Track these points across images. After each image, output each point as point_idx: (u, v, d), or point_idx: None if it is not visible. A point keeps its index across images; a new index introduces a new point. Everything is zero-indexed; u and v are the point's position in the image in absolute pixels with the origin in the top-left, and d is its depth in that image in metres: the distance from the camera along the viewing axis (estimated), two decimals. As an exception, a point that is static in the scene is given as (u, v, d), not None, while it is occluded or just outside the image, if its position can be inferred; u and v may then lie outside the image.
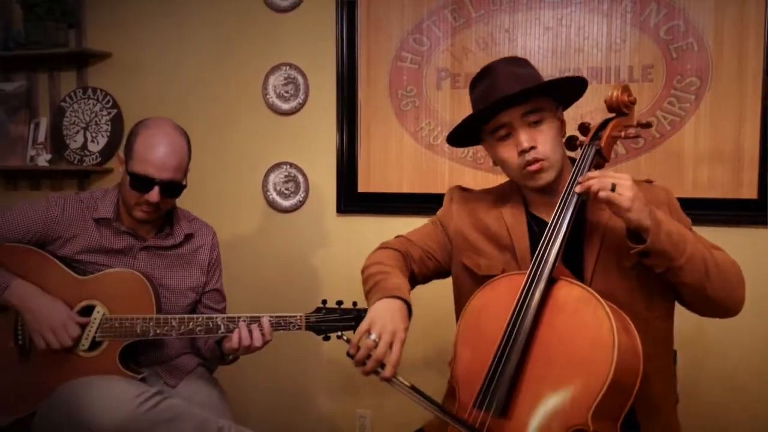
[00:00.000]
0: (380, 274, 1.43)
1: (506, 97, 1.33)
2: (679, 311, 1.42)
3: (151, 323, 1.64)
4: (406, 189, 2.45)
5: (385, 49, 2.44)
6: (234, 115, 2.64)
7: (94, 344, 1.66)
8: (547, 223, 1.35)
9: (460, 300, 1.53)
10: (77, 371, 1.61)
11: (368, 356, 1.26)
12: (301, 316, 1.64)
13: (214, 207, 2.66)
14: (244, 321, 1.63)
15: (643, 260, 1.26)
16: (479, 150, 2.36)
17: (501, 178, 1.62)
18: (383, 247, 1.58)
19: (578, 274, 1.34)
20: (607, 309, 1.21)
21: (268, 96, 2.58)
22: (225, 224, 2.66)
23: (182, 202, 2.71)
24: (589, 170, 1.35)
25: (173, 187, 1.71)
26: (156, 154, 1.65)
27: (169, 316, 1.64)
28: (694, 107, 2.15)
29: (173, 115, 2.65)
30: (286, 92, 2.57)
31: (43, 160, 2.80)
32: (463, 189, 1.61)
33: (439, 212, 1.60)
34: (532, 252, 1.38)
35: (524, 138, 1.36)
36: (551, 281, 1.28)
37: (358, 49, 2.46)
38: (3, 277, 1.64)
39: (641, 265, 1.30)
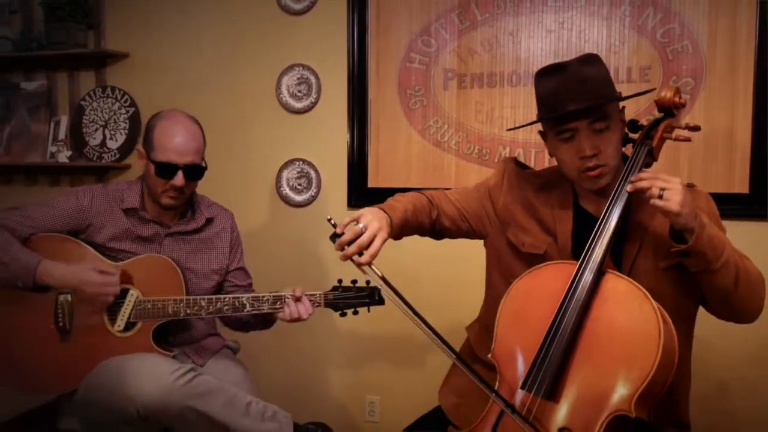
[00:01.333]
0: (389, 200, 1.53)
1: (573, 111, 1.37)
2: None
3: (182, 304, 1.76)
4: (413, 184, 2.56)
5: (395, 50, 2.55)
6: (249, 114, 2.75)
7: (129, 325, 1.78)
8: (592, 216, 1.45)
9: (495, 272, 1.60)
10: (114, 350, 1.73)
11: (351, 242, 1.35)
12: (320, 294, 1.77)
13: (230, 202, 2.74)
14: (290, 298, 1.75)
15: (682, 259, 1.32)
16: (485, 146, 2.47)
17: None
18: (419, 191, 1.64)
19: (615, 269, 1.40)
20: (654, 304, 1.28)
21: (281, 95, 2.69)
22: (240, 218, 2.75)
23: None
24: (640, 170, 1.40)
25: (195, 170, 1.85)
26: (176, 141, 1.79)
27: (198, 297, 1.77)
28: (689, 106, 2.26)
29: (189, 113, 2.79)
30: (299, 92, 2.68)
31: (64, 156, 2.91)
32: (517, 163, 1.64)
33: (491, 181, 1.63)
34: (573, 241, 1.46)
35: (587, 145, 1.39)
36: (600, 273, 1.34)
37: (369, 51, 2.57)
38: (34, 257, 1.73)
39: (675, 268, 1.38)
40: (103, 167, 2.93)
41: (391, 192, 2.57)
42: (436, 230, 1.62)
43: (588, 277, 1.34)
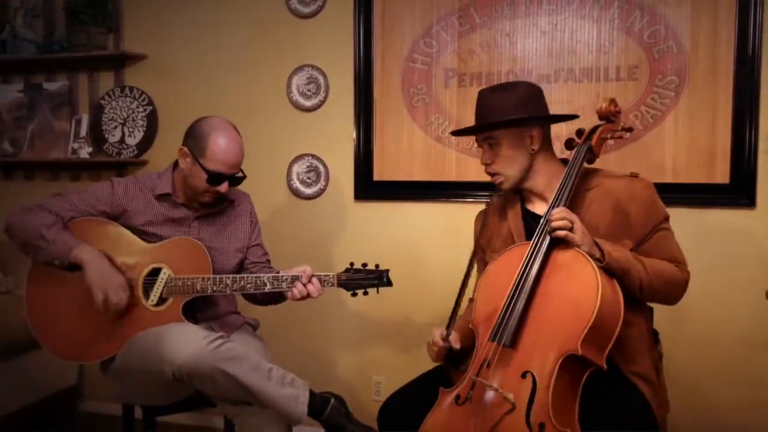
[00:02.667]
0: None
1: (461, 131, 1.85)
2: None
3: (209, 282, 1.93)
4: (416, 177, 2.73)
5: (398, 51, 2.72)
6: (261, 112, 2.91)
7: (161, 301, 1.95)
8: (537, 215, 1.74)
9: None
10: (147, 323, 1.91)
11: None
12: (333, 275, 1.93)
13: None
14: (297, 280, 1.93)
15: None
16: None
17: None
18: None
19: None
20: (594, 265, 1.53)
21: (291, 94, 2.86)
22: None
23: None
24: (582, 164, 1.73)
25: (237, 179, 2.05)
26: (230, 156, 1.98)
27: (224, 276, 1.94)
28: (673, 103, 2.42)
29: (204, 112, 2.91)
30: (308, 90, 2.84)
31: (85, 152, 3.07)
32: (483, 210, 1.94)
33: (475, 240, 1.91)
34: (528, 238, 1.73)
35: (483, 157, 1.79)
36: (551, 245, 1.61)
37: (374, 52, 2.74)
38: (71, 240, 1.92)
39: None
40: (121, 162, 3.09)
41: (395, 185, 2.77)
42: None
43: (542, 247, 1.60)
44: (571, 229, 1.56)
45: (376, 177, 2.78)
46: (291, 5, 2.82)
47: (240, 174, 2.05)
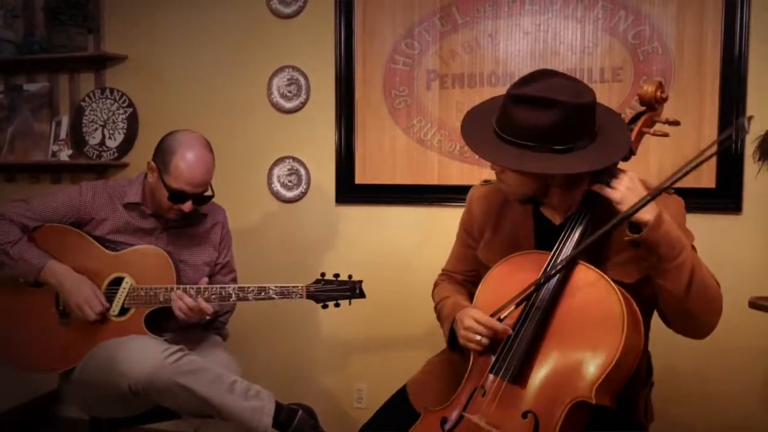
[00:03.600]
0: (440, 303, 1.63)
1: (487, 156, 1.44)
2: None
3: (172, 292, 1.87)
4: (399, 180, 2.68)
5: (380, 52, 2.67)
6: (242, 114, 2.87)
7: (123, 310, 1.90)
8: (552, 224, 1.51)
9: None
10: (108, 333, 1.86)
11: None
12: (302, 287, 1.87)
13: (224, 198, 2.87)
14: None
15: (636, 249, 1.34)
16: (465, 144, 2.58)
17: (486, 172, 1.81)
18: (436, 284, 1.76)
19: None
20: (619, 294, 1.32)
21: (272, 96, 2.81)
22: (234, 214, 2.86)
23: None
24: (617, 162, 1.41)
25: (203, 199, 1.98)
26: (193, 175, 1.88)
27: (188, 286, 1.89)
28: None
29: (184, 114, 2.92)
30: (289, 92, 2.80)
31: (65, 155, 3.03)
32: (482, 185, 1.69)
33: (463, 220, 1.71)
34: (537, 248, 1.51)
35: (495, 171, 1.50)
36: (571, 264, 1.38)
37: (355, 53, 2.69)
38: (40, 258, 1.89)
39: (639, 284, 1.41)
40: (102, 165, 3.05)
41: (377, 188, 2.72)
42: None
43: (560, 266, 1.38)
44: (608, 184, 1.32)
45: (358, 180, 2.73)
46: (272, 5, 2.77)
47: (208, 193, 1.98)
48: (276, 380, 2.88)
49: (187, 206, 1.91)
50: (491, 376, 1.40)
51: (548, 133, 1.34)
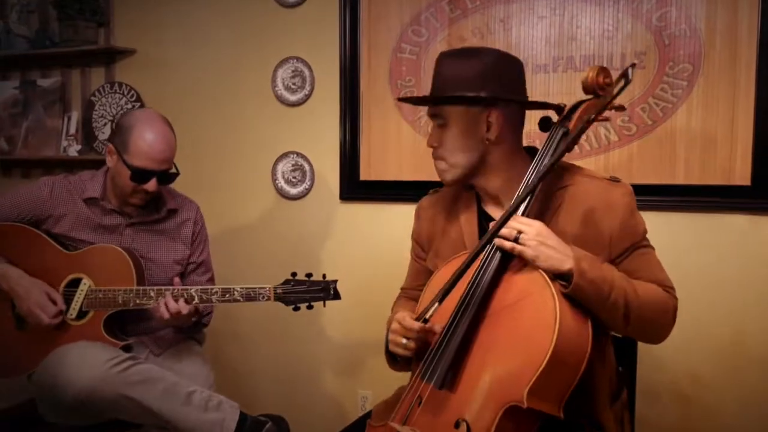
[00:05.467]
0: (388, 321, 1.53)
1: (409, 99, 1.54)
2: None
3: (132, 294, 1.77)
4: (405, 177, 2.52)
5: (386, 41, 2.52)
6: (246, 108, 2.77)
7: (83, 313, 1.81)
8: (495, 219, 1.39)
9: None
10: (66, 338, 1.77)
11: None
12: (269, 288, 1.74)
13: (228, 194, 2.81)
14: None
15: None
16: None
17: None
18: (395, 303, 1.70)
19: None
20: (554, 290, 1.20)
21: (276, 88, 2.70)
22: (237, 211, 2.81)
23: (198, 190, 2.86)
24: (555, 153, 1.31)
25: (168, 176, 1.86)
26: (155, 149, 1.78)
27: (148, 288, 1.78)
28: (686, 93, 2.14)
29: (190, 109, 2.84)
30: (294, 84, 2.68)
31: (74, 150, 3.00)
32: (429, 194, 1.64)
33: (413, 234, 1.65)
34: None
35: (430, 137, 1.47)
36: (506, 258, 1.29)
37: (360, 42, 2.55)
38: None
39: None
40: (111, 161, 3.01)
41: (382, 185, 2.57)
42: None
43: (493, 261, 1.29)
44: (516, 240, 1.25)
45: (363, 176, 2.59)
46: (277, -5, 2.67)
47: (173, 170, 1.86)
48: (278, 387, 2.79)
49: (152, 185, 1.80)
50: (422, 383, 1.29)
51: (470, 78, 1.37)
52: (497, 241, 1.28)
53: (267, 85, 2.71)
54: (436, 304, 1.27)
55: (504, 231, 1.27)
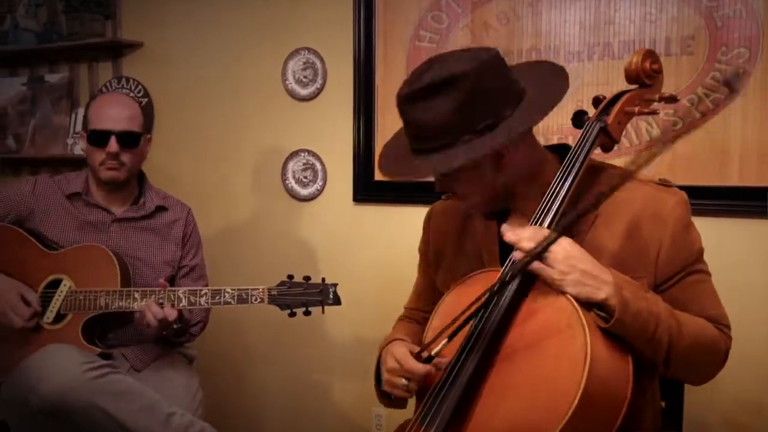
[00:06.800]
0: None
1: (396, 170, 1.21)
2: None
3: (114, 296, 1.63)
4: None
5: (403, 28, 2.31)
6: (256, 103, 2.60)
7: (60, 317, 1.67)
8: None
9: None
10: (42, 343, 1.61)
11: None
12: (263, 289, 1.59)
13: (237, 195, 2.65)
14: (159, 299, 1.60)
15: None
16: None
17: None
18: (395, 325, 1.50)
19: None
20: (584, 321, 0.98)
21: (287, 82, 2.52)
22: (245, 212, 2.64)
23: (203, 189, 2.70)
24: (590, 150, 1.14)
25: (131, 137, 1.75)
26: (108, 109, 1.76)
27: (132, 289, 1.64)
28: (741, 83, 1.88)
29: (198, 102, 2.69)
30: (305, 77, 2.49)
31: (80, 148, 2.86)
32: (442, 200, 1.43)
33: (420, 247, 1.44)
34: (502, 262, 1.18)
35: (438, 185, 1.20)
36: (528, 281, 1.07)
37: (375, 30, 2.35)
38: None
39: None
40: (118, 159, 2.87)
41: (398, 186, 2.36)
42: None
43: (511, 285, 1.06)
44: (540, 257, 1.03)
45: (378, 177, 2.39)
46: (288, -18, 2.48)
47: (134, 130, 1.76)
48: (290, 400, 2.60)
49: (112, 146, 1.72)
50: (422, 428, 1.07)
51: (454, 120, 1.07)
52: (516, 255, 1.07)
53: (278, 78, 2.53)
54: (445, 341, 1.06)
55: (526, 245, 1.05)
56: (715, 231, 1.88)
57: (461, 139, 1.08)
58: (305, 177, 2.53)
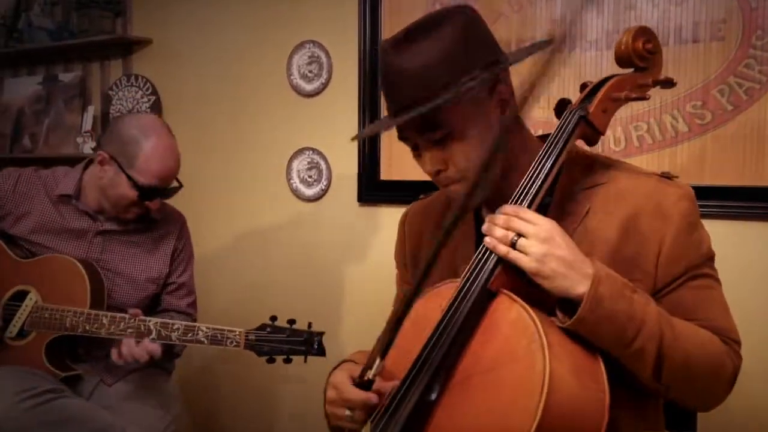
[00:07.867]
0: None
1: (395, 119, 1.02)
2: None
3: (82, 318, 1.52)
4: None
5: (408, 18, 2.14)
6: (260, 100, 2.51)
7: (24, 332, 1.57)
8: None
9: None
10: (3, 359, 1.53)
11: None
12: (240, 332, 1.44)
13: (240, 196, 2.56)
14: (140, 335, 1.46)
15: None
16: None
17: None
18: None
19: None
20: (545, 341, 0.84)
21: (292, 77, 2.41)
22: (249, 213, 2.55)
23: (207, 189, 2.61)
24: (567, 143, 0.99)
25: (170, 191, 1.68)
26: (166, 168, 1.62)
27: (101, 313, 1.52)
28: (778, 71, 1.68)
29: (205, 99, 2.61)
30: (310, 71, 2.38)
31: (89, 147, 2.84)
32: (417, 202, 1.34)
33: (395, 252, 1.34)
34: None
35: (428, 162, 1.05)
36: (489, 294, 0.93)
37: (382, 19, 2.22)
38: None
39: None
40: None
41: (405, 186, 2.22)
42: None
43: (470, 298, 0.92)
44: (514, 245, 0.90)
45: (384, 176, 2.26)
46: (293, -27, 2.38)
47: (175, 184, 1.67)
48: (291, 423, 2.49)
49: (156, 203, 1.62)
50: None
51: (452, 57, 0.98)
52: (487, 241, 0.94)
53: (282, 75, 2.43)
54: (378, 360, 0.93)
55: (499, 232, 0.92)
56: (752, 237, 1.68)
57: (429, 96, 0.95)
58: (310, 176, 2.41)
